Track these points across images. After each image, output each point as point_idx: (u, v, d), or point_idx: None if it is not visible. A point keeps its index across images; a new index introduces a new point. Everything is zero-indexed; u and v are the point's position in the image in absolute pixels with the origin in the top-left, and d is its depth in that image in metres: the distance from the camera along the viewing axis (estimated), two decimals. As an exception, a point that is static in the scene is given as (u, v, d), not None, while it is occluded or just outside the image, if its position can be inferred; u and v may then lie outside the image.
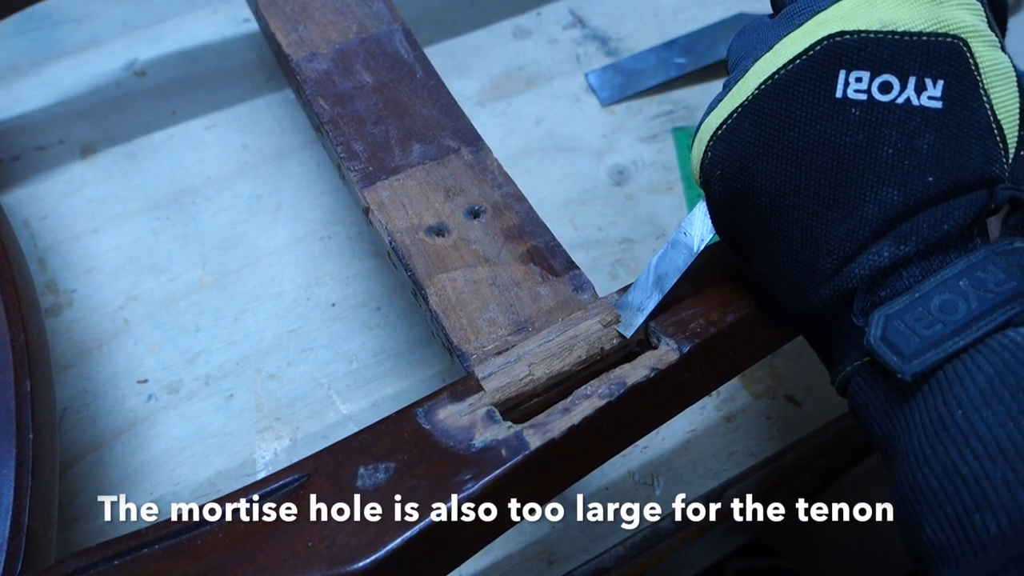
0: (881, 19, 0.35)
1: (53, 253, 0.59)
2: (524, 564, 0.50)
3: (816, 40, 0.35)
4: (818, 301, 0.36)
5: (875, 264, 0.35)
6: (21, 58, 0.68)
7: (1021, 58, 0.72)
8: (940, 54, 0.34)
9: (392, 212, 0.46)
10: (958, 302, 0.33)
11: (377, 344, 0.56)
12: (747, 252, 0.39)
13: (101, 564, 0.34)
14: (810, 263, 0.36)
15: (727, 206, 0.39)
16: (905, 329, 0.33)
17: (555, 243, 0.45)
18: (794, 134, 0.35)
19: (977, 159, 0.34)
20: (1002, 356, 0.31)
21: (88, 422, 0.52)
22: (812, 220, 0.36)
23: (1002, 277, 0.33)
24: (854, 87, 0.35)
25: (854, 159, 0.35)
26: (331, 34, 0.53)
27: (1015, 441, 0.29)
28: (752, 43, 0.38)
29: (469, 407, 0.38)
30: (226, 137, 0.65)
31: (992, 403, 0.30)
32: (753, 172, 0.37)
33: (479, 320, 0.42)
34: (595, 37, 0.73)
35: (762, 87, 0.36)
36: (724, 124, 0.37)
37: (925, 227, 0.34)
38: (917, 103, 0.34)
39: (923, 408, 0.33)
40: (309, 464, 0.37)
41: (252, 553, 0.34)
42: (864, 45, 0.34)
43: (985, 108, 0.34)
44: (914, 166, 0.34)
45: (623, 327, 0.41)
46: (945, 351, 0.32)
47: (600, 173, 0.65)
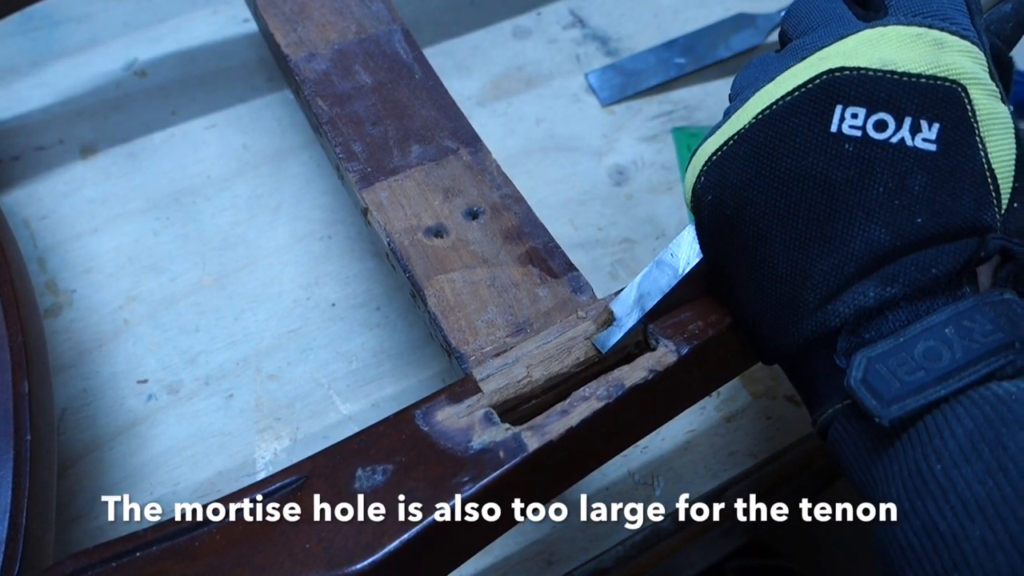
0: (882, 58, 0.35)
1: (53, 253, 0.59)
2: (524, 564, 0.50)
3: (816, 74, 0.35)
4: (800, 336, 0.36)
5: (860, 304, 0.34)
6: (21, 58, 0.68)
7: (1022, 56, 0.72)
8: (938, 97, 0.34)
9: (391, 213, 0.46)
10: (942, 350, 0.32)
11: (377, 344, 0.56)
12: (732, 281, 0.39)
13: (99, 565, 0.34)
14: (793, 296, 0.36)
15: (715, 232, 0.38)
16: (887, 373, 0.33)
17: (554, 244, 0.45)
18: (786, 165, 0.35)
19: (968, 205, 0.34)
20: (983, 410, 0.31)
21: (88, 422, 0.52)
22: (798, 252, 0.35)
23: (989, 328, 0.32)
24: (849, 123, 0.34)
25: (844, 194, 0.35)
26: (330, 34, 0.53)
27: (994, 499, 0.29)
28: (756, 74, 0.38)
29: (467, 409, 0.38)
30: (226, 137, 0.65)
31: (971, 459, 0.30)
32: (743, 200, 0.37)
33: (477, 321, 0.42)
34: (595, 37, 0.72)
35: (759, 116, 0.36)
36: (720, 150, 0.37)
37: (913, 270, 0.34)
38: (911, 144, 0.34)
39: (902, 459, 0.32)
40: (307, 466, 0.37)
41: (250, 555, 0.34)
42: (863, 82, 0.34)
43: (980, 155, 0.34)
44: (904, 206, 0.34)
45: (600, 342, 0.40)
46: (926, 399, 0.32)
47: (600, 173, 0.65)
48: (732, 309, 0.40)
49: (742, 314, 0.40)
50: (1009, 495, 0.29)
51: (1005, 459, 0.29)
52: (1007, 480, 0.29)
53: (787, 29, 0.40)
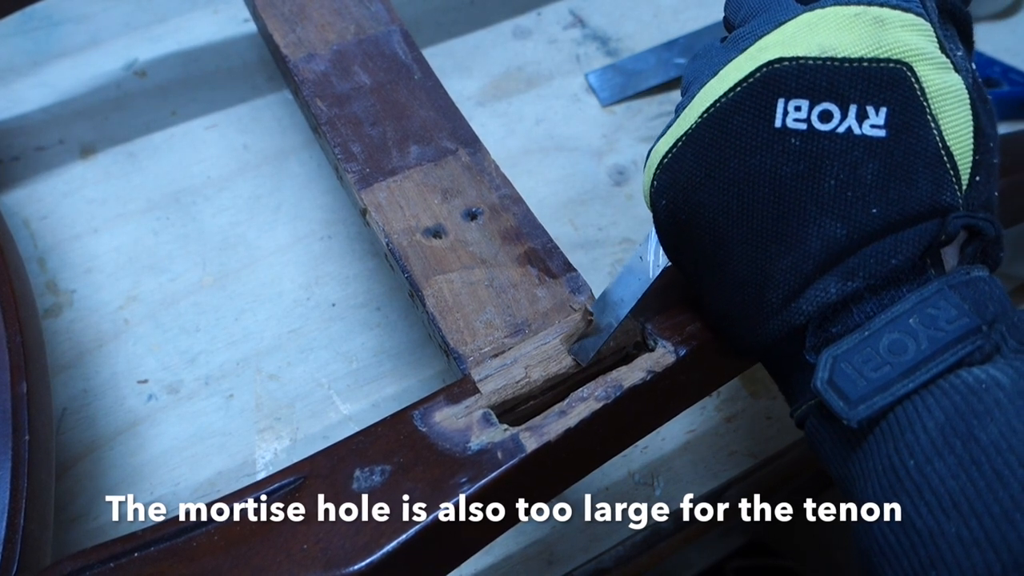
0: (820, 45, 0.33)
1: (53, 253, 0.59)
2: (524, 564, 0.50)
3: (756, 67, 0.34)
4: (767, 335, 0.35)
5: (823, 300, 0.34)
6: (21, 58, 0.68)
7: (1022, 57, 0.72)
8: (882, 80, 0.33)
9: (389, 213, 0.46)
10: (907, 342, 0.32)
11: (377, 344, 0.56)
12: (696, 283, 0.38)
13: (96, 566, 0.34)
14: (757, 297, 0.35)
15: (674, 236, 0.38)
16: (853, 372, 0.32)
17: (552, 245, 0.45)
18: (735, 165, 0.35)
19: (925, 188, 0.33)
20: (953, 400, 0.30)
21: (88, 422, 0.52)
22: (756, 253, 0.35)
23: (954, 314, 0.32)
24: (793, 116, 0.33)
25: (795, 191, 0.34)
26: (329, 35, 0.53)
27: (968, 495, 0.28)
28: (701, 67, 0.37)
29: (465, 410, 0.38)
30: (226, 137, 0.65)
31: (944, 453, 0.29)
32: (696, 203, 0.36)
33: (476, 322, 0.42)
34: (595, 37, 0.72)
35: (704, 116, 0.35)
36: (670, 152, 0.36)
37: (872, 262, 0.33)
38: (859, 132, 0.33)
39: (876, 455, 0.32)
40: (305, 466, 0.37)
41: (247, 556, 0.34)
42: (803, 72, 0.33)
43: (933, 135, 0.33)
44: (857, 198, 0.33)
45: (578, 353, 0.40)
46: (893, 395, 0.31)
47: (600, 173, 0.65)
48: (701, 309, 0.40)
49: (710, 314, 0.39)
50: (983, 489, 0.28)
51: (977, 452, 0.29)
52: (980, 474, 0.29)
53: (729, 15, 0.39)
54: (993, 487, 0.28)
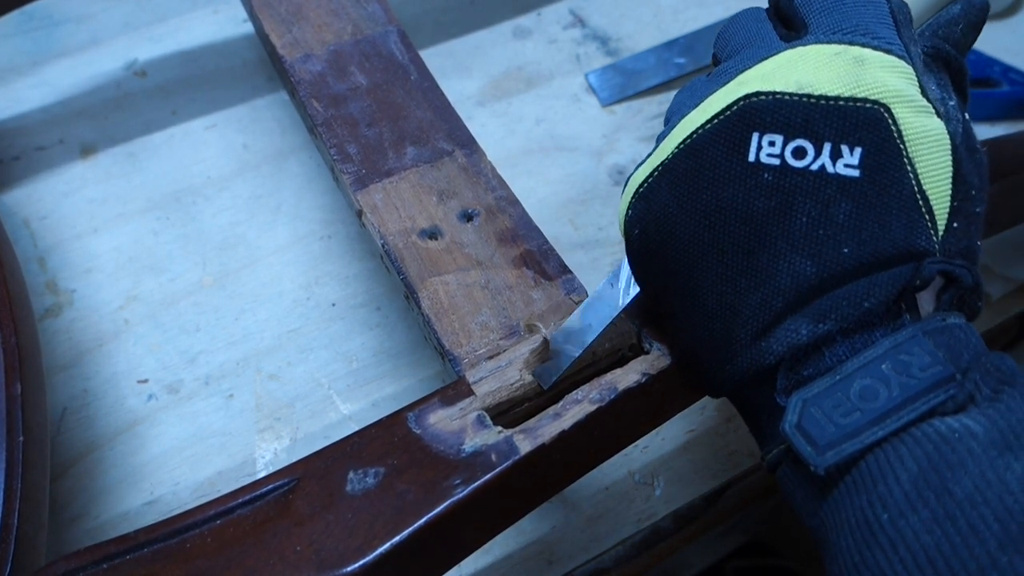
0: (798, 81, 0.33)
1: (53, 253, 0.59)
2: (524, 564, 0.50)
3: (733, 100, 0.34)
4: (736, 372, 0.35)
5: (793, 341, 0.33)
6: (21, 58, 0.68)
7: (1022, 57, 0.71)
8: (858, 120, 0.32)
9: (385, 215, 0.46)
10: (879, 388, 0.31)
11: (377, 344, 0.56)
12: (666, 313, 0.38)
13: (90, 567, 0.34)
14: (725, 332, 0.35)
15: (646, 265, 0.38)
16: (822, 417, 0.31)
17: (548, 247, 0.45)
18: (707, 197, 0.34)
19: (899, 231, 0.33)
20: (926, 450, 0.30)
21: (88, 422, 0.52)
22: (725, 287, 0.34)
23: (927, 361, 0.31)
24: (767, 151, 0.33)
25: (766, 226, 0.33)
26: (325, 35, 0.53)
27: (943, 551, 0.28)
28: (684, 99, 0.37)
29: (460, 412, 0.38)
30: (226, 137, 0.65)
31: (918, 507, 0.29)
32: (668, 234, 0.36)
33: (471, 324, 0.42)
34: (595, 37, 0.72)
35: (680, 146, 0.35)
36: (646, 182, 0.36)
37: (845, 304, 0.33)
38: (832, 171, 0.33)
39: (848, 507, 0.31)
40: (299, 468, 0.37)
41: (241, 557, 0.34)
42: (778, 108, 0.33)
43: (909, 178, 0.33)
44: (829, 236, 0.33)
45: (540, 376, 0.40)
46: (862, 443, 0.30)
47: (600, 173, 0.65)
48: (670, 341, 0.40)
49: (679, 347, 0.39)
50: (959, 545, 0.28)
51: (952, 506, 0.28)
52: (956, 529, 0.28)
53: (717, 51, 0.39)
54: (969, 543, 0.28)
